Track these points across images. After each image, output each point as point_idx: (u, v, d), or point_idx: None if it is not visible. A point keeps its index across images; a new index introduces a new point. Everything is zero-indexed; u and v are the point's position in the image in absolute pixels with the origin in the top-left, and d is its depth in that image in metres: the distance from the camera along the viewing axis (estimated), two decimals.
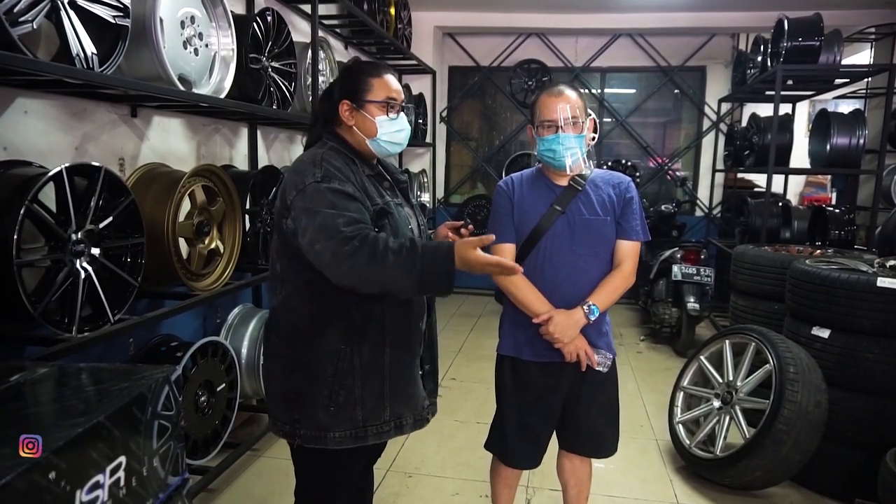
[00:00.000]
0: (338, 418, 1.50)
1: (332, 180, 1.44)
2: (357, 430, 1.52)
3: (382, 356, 1.53)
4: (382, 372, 1.53)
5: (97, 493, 0.99)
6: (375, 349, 1.52)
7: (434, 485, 2.78)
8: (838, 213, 4.66)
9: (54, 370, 1.28)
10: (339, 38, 4.59)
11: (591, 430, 2.00)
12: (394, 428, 1.57)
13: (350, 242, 1.34)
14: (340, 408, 1.50)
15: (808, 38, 4.40)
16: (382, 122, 1.57)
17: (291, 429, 1.55)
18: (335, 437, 1.51)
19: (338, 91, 1.60)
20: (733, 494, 2.72)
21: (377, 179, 1.61)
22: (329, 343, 1.50)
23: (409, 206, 1.68)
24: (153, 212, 2.16)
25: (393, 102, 1.58)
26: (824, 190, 7.49)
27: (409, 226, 1.61)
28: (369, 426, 1.53)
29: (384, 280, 1.36)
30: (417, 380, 1.63)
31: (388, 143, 1.60)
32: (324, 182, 1.43)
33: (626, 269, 1.89)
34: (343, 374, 1.49)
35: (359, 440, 1.52)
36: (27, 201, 1.59)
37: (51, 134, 2.07)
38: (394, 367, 1.55)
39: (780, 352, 2.65)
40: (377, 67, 1.61)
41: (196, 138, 2.88)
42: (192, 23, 2.33)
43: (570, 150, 1.81)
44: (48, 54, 1.85)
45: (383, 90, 1.57)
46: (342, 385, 1.50)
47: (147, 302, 2.46)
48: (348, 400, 1.50)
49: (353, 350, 1.50)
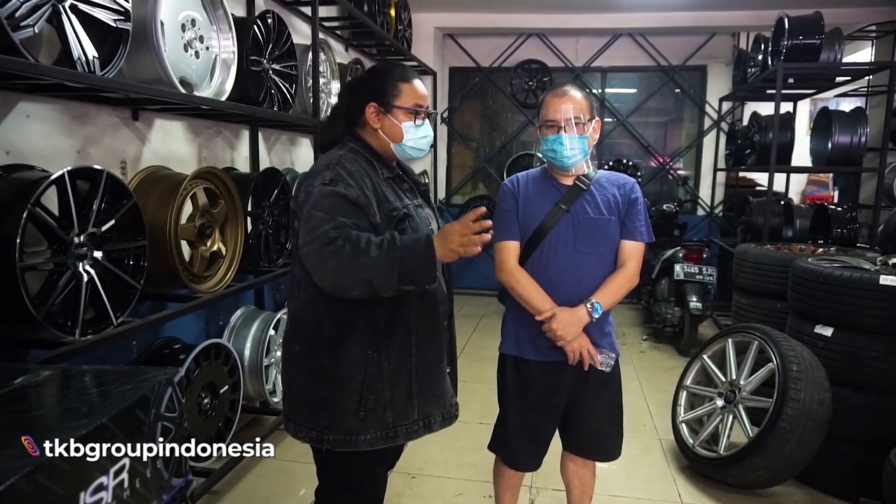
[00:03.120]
0: (368, 422, 1.51)
1: (339, 184, 1.43)
2: (387, 430, 1.52)
3: (410, 357, 1.53)
4: (410, 373, 1.54)
5: (101, 495, 0.99)
6: (403, 351, 1.52)
7: (437, 485, 2.78)
8: (840, 211, 4.66)
9: (58, 373, 1.28)
10: (340, 40, 4.59)
11: (595, 432, 1.99)
12: (423, 427, 1.58)
13: (334, 242, 1.35)
14: (370, 412, 1.50)
15: (809, 36, 4.39)
16: (408, 127, 1.56)
17: (319, 435, 1.54)
18: (366, 439, 1.51)
19: (365, 92, 1.58)
20: (737, 493, 2.71)
21: (396, 182, 1.60)
22: (355, 349, 1.49)
23: (429, 208, 1.69)
24: (155, 214, 2.17)
25: (420, 109, 1.58)
26: (826, 188, 7.48)
27: (429, 226, 1.61)
28: (399, 426, 1.53)
29: (368, 275, 1.34)
30: (445, 378, 1.64)
31: (413, 148, 1.60)
32: (330, 185, 1.43)
33: (630, 269, 1.89)
34: (373, 380, 1.49)
35: (389, 440, 1.53)
36: (30, 205, 1.59)
37: (53, 137, 2.07)
38: (421, 367, 1.55)
39: (783, 350, 2.64)
40: (407, 72, 1.60)
41: (197, 141, 2.89)
42: (193, 26, 2.33)
43: (570, 150, 1.82)
44: (50, 58, 1.86)
45: (412, 96, 1.57)
46: (371, 390, 1.50)
47: (150, 304, 2.47)
48: (378, 404, 1.51)
49: (381, 355, 1.50)
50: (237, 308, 3.12)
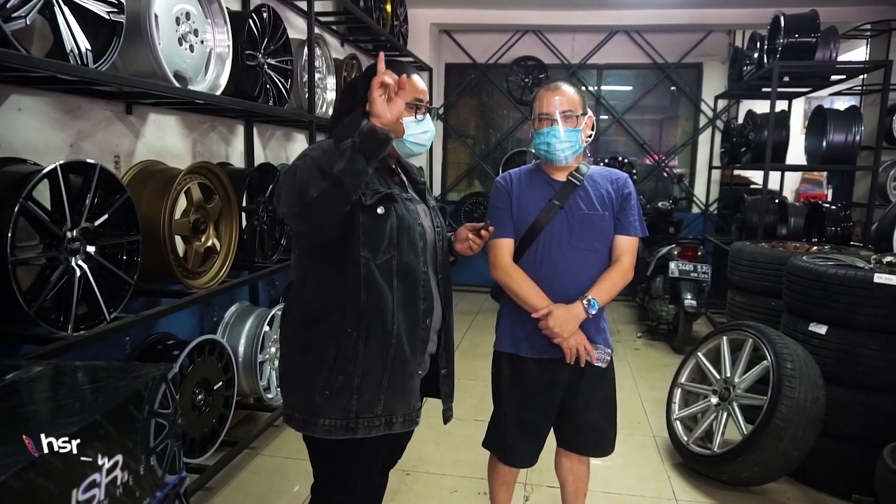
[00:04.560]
0: (331, 404, 1.49)
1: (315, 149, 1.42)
2: (349, 420, 1.50)
3: (389, 348, 1.51)
4: (385, 363, 1.52)
5: (94, 492, 0.98)
6: (383, 340, 1.51)
7: (432, 482, 2.78)
8: (834, 209, 4.67)
9: (50, 369, 1.27)
10: (336, 35, 4.57)
11: (589, 428, 2.00)
12: (384, 424, 1.55)
13: (291, 164, 1.36)
14: (335, 393, 1.49)
15: (805, 34, 4.40)
16: (409, 123, 1.55)
17: (290, 412, 1.55)
18: (324, 424, 1.49)
19: (364, 89, 1.54)
20: (731, 490, 2.72)
21: (386, 173, 1.60)
22: (336, 324, 1.49)
23: (424, 205, 1.67)
24: (149, 209, 2.15)
25: (420, 104, 1.57)
26: (820, 187, 7.50)
27: (418, 220, 1.59)
28: (361, 418, 1.51)
29: (317, 160, 1.27)
30: (416, 379, 1.61)
31: (414, 143, 1.59)
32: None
33: (625, 265, 1.89)
34: (345, 360, 1.48)
35: (349, 431, 1.50)
36: (22, 199, 1.57)
37: (45, 131, 2.05)
38: (396, 361, 1.53)
39: (777, 348, 2.65)
40: (404, 67, 1.59)
41: (192, 135, 2.87)
42: (188, 19, 2.31)
43: (564, 143, 1.82)
44: (42, 51, 1.83)
45: (411, 91, 1.55)
46: (342, 370, 1.48)
47: (143, 300, 2.45)
48: (345, 386, 1.49)
49: (360, 336, 1.49)
50: (231, 304, 3.11)
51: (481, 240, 1.73)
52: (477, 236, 1.72)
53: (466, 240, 1.73)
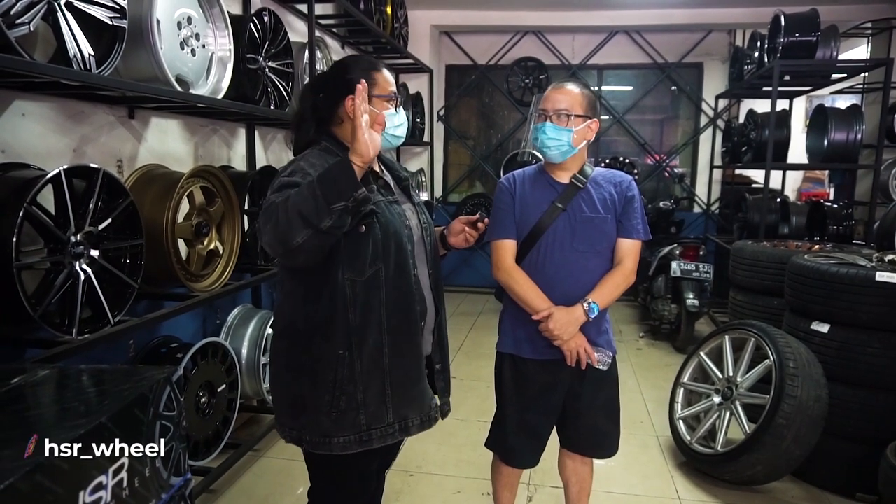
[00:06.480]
0: (340, 424, 1.49)
1: (296, 174, 1.42)
2: (361, 433, 1.50)
3: (383, 358, 1.50)
4: (383, 374, 1.51)
5: (100, 494, 0.99)
6: (375, 352, 1.50)
7: (435, 483, 2.78)
8: (836, 208, 4.67)
9: (55, 372, 1.28)
10: (336, 38, 4.58)
11: (592, 429, 2.00)
12: (399, 430, 1.55)
13: (271, 202, 1.34)
14: (343, 414, 1.48)
15: (805, 33, 4.40)
16: (389, 116, 1.55)
17: (298, 434, 1.53)
18: (339, 442, 1.49)
19: (338, 87, 1.55)
20: (734, 490, 2.72)
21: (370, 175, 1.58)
22: (328, 349, 1.48)
23: (409, 203, 1.66)
24: (152, 213, 2.16)
25: (395, 95, 1.57)
26: (822, 185, 7.49)
27: (405, 221, 1.57)
28: (373, 429, 1.51)
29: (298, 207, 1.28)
30: (423, 380, 1.60)
31: (392, 136, 1.59)
32: (288, 177, 1.42)
33: (627, 268, 1.88)
34: (344, 381, 1.47)
35: (364, 444, 1.50)
36: (26, 203, 1.58)
37: (48, 136, 2.07)
38: (395, 369, 1.52)
39: (779, 347, 2.65)
40: (373, 61, 1.59)
41: (194, 139, 2.88)
42: (189, 23, 2.32)
43: (551, 139, 1.82)
44: (45, 56, 1.85)
45: (386, 84, 1.56)
46: (343, 391, 1.48)
47: (147, 303, 2.46)
48: (350, 406, 1.49)
49: (353, 355, 1.48)
50: (234, 307, 3.11)
51: (477, 231, 1.73)
52: (473, 228, 1.71)
53: (461, 232, 1.73)
